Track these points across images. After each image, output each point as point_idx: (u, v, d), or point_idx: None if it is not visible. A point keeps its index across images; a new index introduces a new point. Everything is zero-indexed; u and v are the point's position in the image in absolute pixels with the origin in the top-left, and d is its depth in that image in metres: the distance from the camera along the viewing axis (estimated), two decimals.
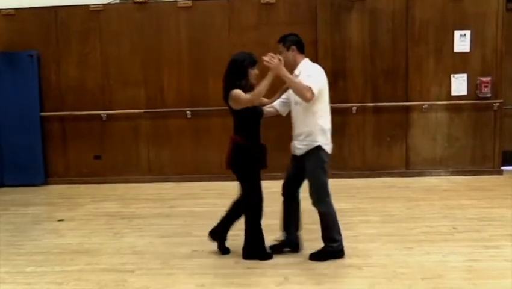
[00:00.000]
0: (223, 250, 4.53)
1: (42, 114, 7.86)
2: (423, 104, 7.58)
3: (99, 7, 7.74)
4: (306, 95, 4.04)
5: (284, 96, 4.50)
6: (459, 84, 7.56)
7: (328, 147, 4.27)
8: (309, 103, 4.10)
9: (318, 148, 4.20)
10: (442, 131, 7.65)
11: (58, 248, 4.85)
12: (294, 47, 4.28)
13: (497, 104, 7.53)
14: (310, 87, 4.04)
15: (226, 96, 4.21)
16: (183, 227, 5.43)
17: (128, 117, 7.84)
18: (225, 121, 7.42)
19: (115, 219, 5.86)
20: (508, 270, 3.98)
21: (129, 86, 7.81)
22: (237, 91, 4.11)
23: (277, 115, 4.54)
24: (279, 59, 4.07)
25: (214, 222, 5.48)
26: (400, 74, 7.60)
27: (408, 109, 7.65)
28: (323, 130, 4.22)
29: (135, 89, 7.81)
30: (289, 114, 4.47)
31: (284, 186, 4.49)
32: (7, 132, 7.81)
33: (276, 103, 4.52)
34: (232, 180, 4.42)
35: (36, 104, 7.80)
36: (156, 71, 7.80)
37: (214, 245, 4.67)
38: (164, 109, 7.79)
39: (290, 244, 4.53)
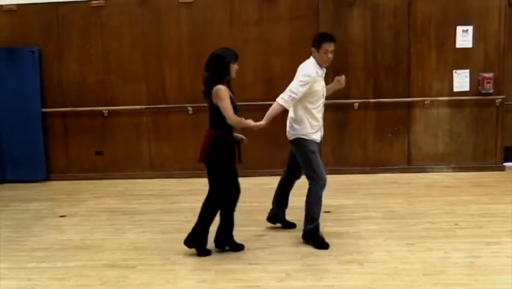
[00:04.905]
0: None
1: (44, 110, 7.86)
2: (425, 100, 7.55)
3: (100, 3, 7.72)
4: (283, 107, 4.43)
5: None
6: (461, 80, 7.53)
7: (314, 136, 4.52)
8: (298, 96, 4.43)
9: (302, 138, 4.51)
10: (444, 127, 7.63)
11: (60, 244, 4.86)
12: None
13: (500, 100, 7.50)
14: (280, 104, 4.41)
15: (209, 90, 4.24)
16: (184, 223, 5.41)
17: (129, 113, 7.84)
18: None
19: (116, 215, 5.87)
20: (510, 266, 3.97)
21: (130, 82, 7.81)
22: (222, 90, 4.17)
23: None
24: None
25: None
26: (402, 70, 7.58)
27: (409, 105, 7.62)
28: (304, 122, 4.51)
29: (136, 85, 7.81)
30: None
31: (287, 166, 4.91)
32: (9, 128, 7.82)
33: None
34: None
35: (38, 100, 7.81)
36: (158, 67, 7.79)
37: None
38: (165, 105, 7.79)
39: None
